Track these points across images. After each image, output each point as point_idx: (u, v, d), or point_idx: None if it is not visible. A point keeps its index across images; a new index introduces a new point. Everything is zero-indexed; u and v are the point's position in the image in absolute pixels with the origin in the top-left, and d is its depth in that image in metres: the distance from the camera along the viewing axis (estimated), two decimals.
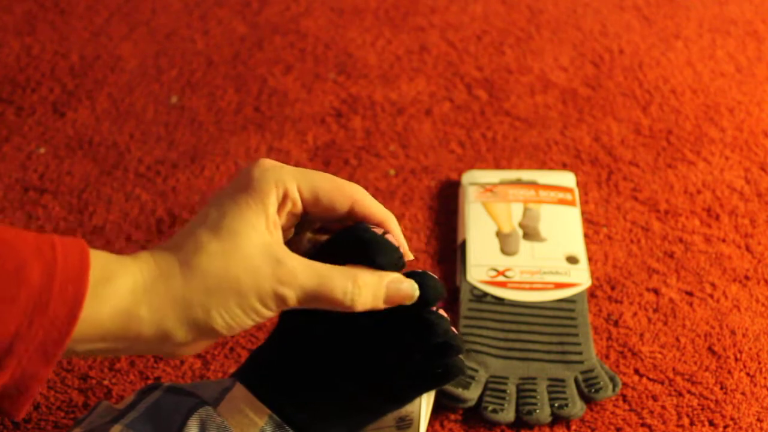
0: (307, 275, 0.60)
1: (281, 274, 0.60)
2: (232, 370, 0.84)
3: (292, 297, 0.60)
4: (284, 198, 0.62)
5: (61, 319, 0.55)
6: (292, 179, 0.62)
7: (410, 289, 0.64)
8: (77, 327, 0.56)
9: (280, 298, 0.60)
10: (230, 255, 0.59)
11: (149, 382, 0.84)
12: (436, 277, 0.66)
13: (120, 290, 0.58)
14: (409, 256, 0.65)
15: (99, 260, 0.57)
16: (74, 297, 0.55)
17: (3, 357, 0.55)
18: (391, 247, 0.64)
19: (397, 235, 0.65)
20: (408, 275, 0.65)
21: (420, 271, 0.65)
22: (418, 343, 0.66)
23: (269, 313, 0.61)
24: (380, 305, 0.63)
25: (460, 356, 0.67)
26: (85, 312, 0.56)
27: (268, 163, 0.63)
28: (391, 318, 0.65)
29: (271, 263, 0.60)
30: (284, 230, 0.63)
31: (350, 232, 0.64)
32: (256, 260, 0.60)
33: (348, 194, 0.64)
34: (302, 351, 0.68)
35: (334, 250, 0.65)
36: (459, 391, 0.81)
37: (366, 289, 0.62)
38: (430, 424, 0.81)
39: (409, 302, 0.64)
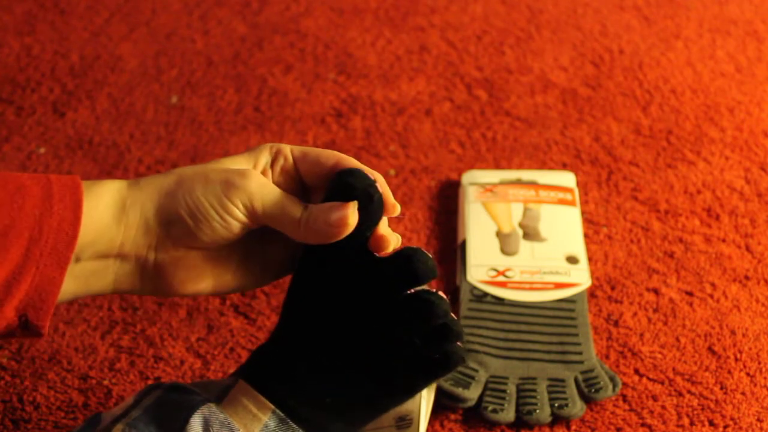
0: (273, 187, 0.66)
1: (250, 176, 0.65)
2: (232, 370, 0.84)
3: (257, 197, 0.65)
4: (276, 154, 0.68)
5: (67, 221, 0.62)
6: (286, 145, 0.69)
7: (348, 210, 0.65)
8: (81, 230, 0.62)
9: (245, 194, 0.65)
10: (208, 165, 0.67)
11: (149, 382, 0.84)
12: (429, 255, 0.66)
13: (110, 188, 0.65)
14: (395, 207, 0.68)
15: (87, 181, 0.65)
16: (73, 201, 0.63)
17: (22, 264, 0.61)
18: (363, 173, 0.67)
19: (383, 186, 0.68)
20: (402, 250, 0.67)
21: (414, 246, 0.66)
22: (417, 324, 0.66)
23: (234, 210, 0.65)
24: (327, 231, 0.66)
25: (460, 344, 0.67)
26: (85, 212, 0.63)
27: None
28: (391, 304, 0.66)
29: (243, 172, 0.66)
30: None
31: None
32: (230, 168, 0.66)
33: (333, 152, 0.68)
34: (303, 346, 0.68)
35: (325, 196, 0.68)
36: (459, 391, 0.82)
37: (314, 210, 0.66)
38: (430, 424, 0.81)
39: (347, 230, 0.65)
